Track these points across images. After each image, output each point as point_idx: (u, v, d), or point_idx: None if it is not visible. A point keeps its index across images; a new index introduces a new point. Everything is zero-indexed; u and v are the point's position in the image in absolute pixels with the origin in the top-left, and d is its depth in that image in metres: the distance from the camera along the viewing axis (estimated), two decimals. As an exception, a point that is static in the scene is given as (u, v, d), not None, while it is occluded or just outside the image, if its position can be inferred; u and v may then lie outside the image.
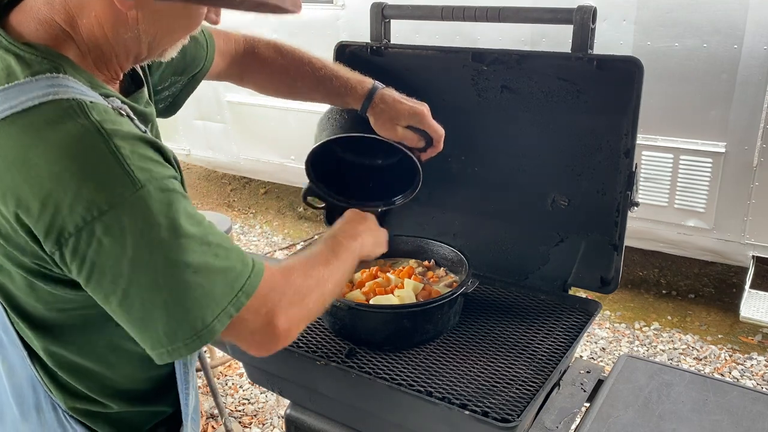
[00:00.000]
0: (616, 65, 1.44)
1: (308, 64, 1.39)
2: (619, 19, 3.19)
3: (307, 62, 1.40)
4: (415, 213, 1.83)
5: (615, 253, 1.51)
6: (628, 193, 1.46)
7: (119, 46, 0.92)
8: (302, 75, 1.39)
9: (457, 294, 1.40)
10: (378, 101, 1.34)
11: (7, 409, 1.05)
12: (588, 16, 1.41)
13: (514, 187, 1.71)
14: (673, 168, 3.29)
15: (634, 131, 1.44)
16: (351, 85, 1.36)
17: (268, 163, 4.81)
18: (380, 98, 1.34)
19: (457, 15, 1.59)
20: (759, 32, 2.89)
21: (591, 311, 1.53)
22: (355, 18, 4.00)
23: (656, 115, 3.18)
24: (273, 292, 0.93)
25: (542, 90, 1.58)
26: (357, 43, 1.75)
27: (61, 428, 1.02)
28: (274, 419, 2.96)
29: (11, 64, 0.84)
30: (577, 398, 1.42)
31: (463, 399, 1.24)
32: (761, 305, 3.14)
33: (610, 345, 3.46)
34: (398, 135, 1.35)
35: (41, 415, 1.02)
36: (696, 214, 3.33)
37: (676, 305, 3.80)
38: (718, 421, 1.32)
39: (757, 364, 3.23)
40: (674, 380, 1.45)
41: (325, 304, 1.06)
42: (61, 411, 1.02)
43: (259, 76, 1.44)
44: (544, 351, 1.40)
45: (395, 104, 1.34)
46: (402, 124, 1.34)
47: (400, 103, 1.34)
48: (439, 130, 1.37)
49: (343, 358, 1.37)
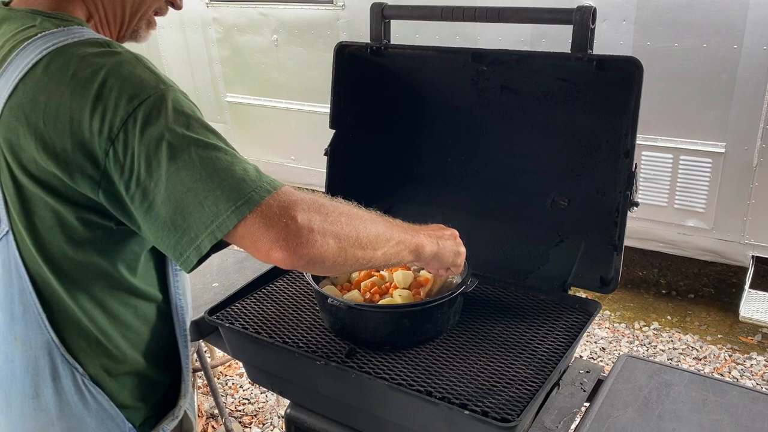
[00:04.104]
0: (616, 65, 1.44)
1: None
2: (619, 19, 3.19)
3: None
4: (415, 213, 1.83)
5: (615, 253, 1.51)
6: (627, 193, 1.46)
7: (114, 8, 1.07)
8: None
9: (456, 294, 1.41)
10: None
11: (14, 394, 1.06)
12: (588, 17, 1.41)
13: (514, 187, 1.71)
14: (672, 168, 3.29)
15: (634, 131, 1.44)
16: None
17: (269, 163, 4.82)
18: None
19: (457, 15, 1.59)
20: (759, 32, 2.89)
21: (591, 311, 1.54)
22: (355, 18, 4.00)
23: (656, 115, 3.18)
24: (291, 193, 0.94)
25: (542, 90, 1.58)
26: (357, 43, 1.75)
27: (78, 394, 1.05)
28: (274, 419, 2.97)
29: (42, 21, 0.98)
30: (577, 398, 1.42)
31: (463, 399, 1.24)
32: (761, 305, 3.14)
33: (609, 345, 3.46)
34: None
35: (57, 383, 1.04)
36: (696, 214, 3.33)
37: (676, 305, 3.80)
38: (718, 421, 1.32)
39: (757, 363, 3.23)
40: (674, 380, 1.45)
41: (361, 240, 1.02)
42: (79, 375, 1.05)
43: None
44: (543, 351, 1.40)
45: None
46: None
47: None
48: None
49: (343, 358, 1.37)
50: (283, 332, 1.47)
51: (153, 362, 1.15)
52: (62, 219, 0.96)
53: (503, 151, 1.71)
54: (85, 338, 1.05)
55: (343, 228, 0.97)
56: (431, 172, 1.82)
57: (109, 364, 1.08)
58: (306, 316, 1.55)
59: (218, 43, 4.77)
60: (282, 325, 1.51)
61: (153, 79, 0.92)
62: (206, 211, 0.89)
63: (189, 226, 0.90)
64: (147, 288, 1.10)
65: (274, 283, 1.71)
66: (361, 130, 1.83)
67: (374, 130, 1.84)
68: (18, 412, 1.07)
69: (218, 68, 4.87)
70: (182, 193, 0.89)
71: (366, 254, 1.02)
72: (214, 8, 4.63)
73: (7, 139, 0.93)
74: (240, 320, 1.53)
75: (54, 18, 0.99)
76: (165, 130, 0.89)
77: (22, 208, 0.96)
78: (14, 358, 1.05)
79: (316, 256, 0.93)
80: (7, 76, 0.94)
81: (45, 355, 1.03)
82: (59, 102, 0.90)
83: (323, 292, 1.42)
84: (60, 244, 0.98)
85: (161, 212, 0.90)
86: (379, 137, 1.84)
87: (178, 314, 1.17)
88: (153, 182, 0.89)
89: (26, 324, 1.02)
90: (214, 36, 4.75)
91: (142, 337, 1.12)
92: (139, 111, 0.89)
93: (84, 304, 1.03)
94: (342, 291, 1.53)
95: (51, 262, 0.99)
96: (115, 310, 1.06)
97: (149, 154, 0.89)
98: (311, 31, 4.27)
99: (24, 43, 0.94)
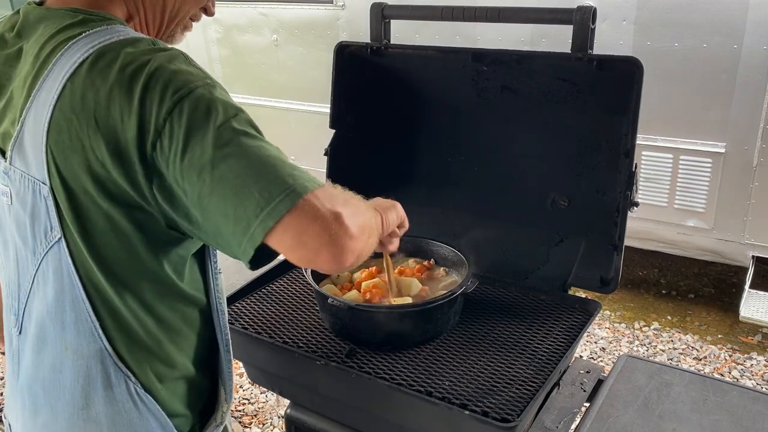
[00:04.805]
0: (616, 65, 1.44)
1: None
2: (619, 19, 3.19)
3: None
4: (415, 213, 1.83)
5: (615, 253, 1.51)
6: (627, 193, 1.46)
7: (155, 10, 1.08)
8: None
9: (457, 294, 1.41)
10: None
11: (62, 405, 1.05)
12: (588, 17, 1.41)
13: (514, 187, 1.71)
14: (673, 168, 3.29)
15: (634, 131, 1.44)
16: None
17: (268, 163, 4.81)
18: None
19: (457, 15, 1.59)
20: (759, 32, 2.89)
21: (591, 311, 1.54)
22: (355, 18, 4.00)
23: (656, 115, 3.18)
24: (329, 187, 0.95)
25: (542, 90, 1.58)
26: (357, 43, 1.75)
27: (131, 402, 1.04)
28: (274, 419, 2.97)
29: (84, 19, 0.97)
30: (577, 398, 1.42)
31: (463, 399, 1.24)
32: (761, 305, 3.14)
33: (609, 345, 3.46)
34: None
35: (109, 392, 1.03)
36: (696, 214, 3.33)
37: (676, 305, 3.80)
38: (718, 421, 1.32)
39: (757, 364, 3.23)
40: (674, 380, 1.45)
41: (372, 228, 1.04)
42: (132, 384, 1.03)
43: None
44: (543, 351, 1.40)
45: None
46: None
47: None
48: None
49: (343, 358, 1.37)
50: (283, 332, 1.47)
51: (199, 368, 1.14)
52: (115, 223, 0.94)
53: (503, 151, 1.71)
54: (137, 345, 1.03)
55: (363, 217, 0.98)
56: (431, 172, 1.82)
57: (160, 371, 1.06)
58: (306, 316, 1.55)
59: (218, 43, 4.77)
60: (282, 325, 1.51)
61: (200, 74, 0.92)
62: (257, 197, 0.87)
63: (241, 214, 0.88)
64: (193, 292, 1.09)
65: (274, 283, 1.71)
66: (361, 130, 1.83)
67: (374, 130, 1.84)
68: (65, 425, 1.05)
69: (218, 68, 4.87)
70: (232, 181, 0.87)
71: (374, 241, 1.05)
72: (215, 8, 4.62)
73: (58, 142, 0.91)
74: (240, 320, 1.53)
75: (96, 16, 0.98)
76: (212, 122, 0.88)
77: (75, 214, 0.94)
78: (63, 369, 1.03)
79: (361, 250, 0.93)
80: (53, 77, 0.92)
81: (97, 363, 1.01)
82: (108, 99, 0.89)
83: (323, 292, 1.42)
84: (113, 248, 0.96)
85: (213, 203, 0.89)
86: (379, 137, 1.84)
87: (219, 318, 1.15)
88: (203, 173, 0.88)
89: (78, 332, 1.00)
90: (214, 36, 4.75)
91: (189, 342, 1.11)
92: (185, 103, 0.88)
93: (136, 310, 1.01)
94: (342, 291, 1.53)
95: (105, 268, 0.98)
96: (164, 315, 1.05)
97: (197, 144, 0.88)
98: (311, 31, 4.27)
99: (68, 43, 0.93)
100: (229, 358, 1.17)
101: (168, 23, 1.11)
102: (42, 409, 1.06)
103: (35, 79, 0.94)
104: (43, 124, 0.92)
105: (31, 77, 0.95)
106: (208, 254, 1.12)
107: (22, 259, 1.03)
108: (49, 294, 1.00)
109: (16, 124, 0.96)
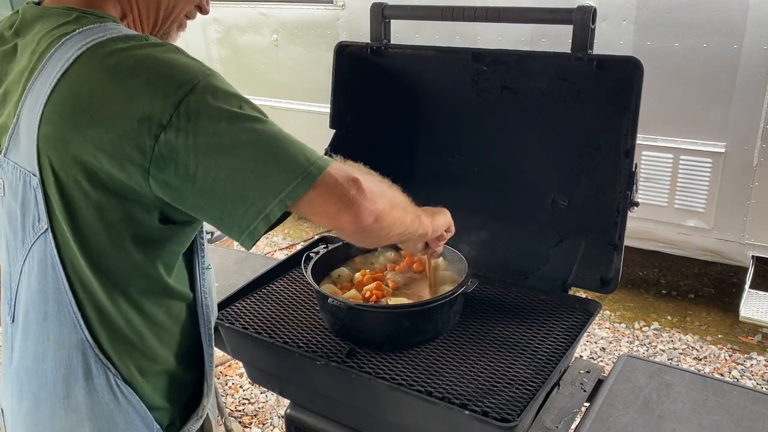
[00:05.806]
0: (616, 65, 1.44)
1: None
2: (619, 19, 3.19)
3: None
4: (415, 213, 1.83)
5: (615, 253, 1.51)
6: (627, 193, 1.46)
7: (149, 8, 1.08)
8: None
9: (457, 294, 1.41)
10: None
11: (44, 394, 1.06)
12: (588, 16, 1.41)
13: (514, 187, 1.71)
14: (673, 168, 3.29)
15: (634, 131, 1.44)
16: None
17: (268, 163, 4.81)
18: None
19: (457, 15, 1.59)
20: (759, 32, 2.89)
21: (591, 311, 1.53)
22: (355, 18, 4.00)
23: (656, 115, 3.18)
24: (342, 163, 1.02)
25: (542, 90, 1.58)
26: (357, 43, 1.75)
27: (110, 394, 1.05)
28: (274, 419, 2.97)
29: (78, 17, 0.99)
30: (577, 398, 1.42)
31: (463, 399, 1.24)
32: (761, 305, 3.14)
33: (609, 345, 3.46)
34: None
35: (90, 382, 1.04)
36: (696, 214, 3.33)
37: (676, 305, 3.80)
38: (718, 421, 1.32)
39: (757, 364, 3.23)
40: (674, 380, 1.45)
41: (398, 201, 1.13)
42: (112, 375, 1.04)
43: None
44: (543, 351, 1.40)
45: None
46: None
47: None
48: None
49: (343, 358, 1.37)
50: (283, 332, 1.47)
51: (182, 362, 1.15)
52: (105, 216, 0.96)
53: (503, 151, 1.71)
54: (119, 338, 1.04)
55: (383, 188, 1.05)
56: (431, 172, 1.82)
57: (142, 365, 1.08)
58: (306, 316, 1.55)
59: (218, 43, 4.77)
60: (282, 325, 1.51)
61: (198, 65, 0.94)
62: (275, 179, 0.91)
63: (257, 196, 0.91)
64: (179, 287, 1.11)
65: (274, 283, 1.71)
66: (361, 130, 1.83)
67: (374, 130, 1.84)
68: (47, 413, 1.06)
69: (218, 68, 4.87)
70: (248, 164, 0.90)
71: (402, 216, 1.10)
72: (214, 8, 4.61)
73: (50, 136, 0.93)
74: (240, 320, 1.53)
75: (90, 14, 1.00)
76: (220, 110, 0.90)
77: (65, 206, 0.96)
78: (45, 358, 1.04)
79: (380, 212, 0.98)
80: (47, 73, 0.94)
81: (78, 354, 1.03)
82: (104, 94, 0.90)
83: (323, 291, 1.42)
84: (101, 242, 0.98)
85: (224, 188, 0.91)
86: (379, 137, 1.84)
87: (204, 313, 1.18)
88: (214, 160, 0.90)
89: (60, 323, 1.02)
90: (214, 36, 4.75)
91: (173, 337, 1.13)
92: (191, 96, 0.89)
93: (120, 303, 1.03)
94: (342, 291, 1.53)
95: (91, 261, 0.99)
96: (149, 310, 1.07)
97: (207, 133, 0.89)
98: (311, 31, 4.27)
99: (62, 39, 0.95)
100: (211, 352, 1.20)
101: (163, 21, 1.12)
102: (26, 396, 1.08)
103: (31, 74, 0.96)
104: (36, 117, 0.93)
105: (27, 72, 0.97)
106: (196, 249, 1.14)
107: (13, 249, 1.05)
108: (33, 284, 1.02)
109: (13, 117, 0.98)
